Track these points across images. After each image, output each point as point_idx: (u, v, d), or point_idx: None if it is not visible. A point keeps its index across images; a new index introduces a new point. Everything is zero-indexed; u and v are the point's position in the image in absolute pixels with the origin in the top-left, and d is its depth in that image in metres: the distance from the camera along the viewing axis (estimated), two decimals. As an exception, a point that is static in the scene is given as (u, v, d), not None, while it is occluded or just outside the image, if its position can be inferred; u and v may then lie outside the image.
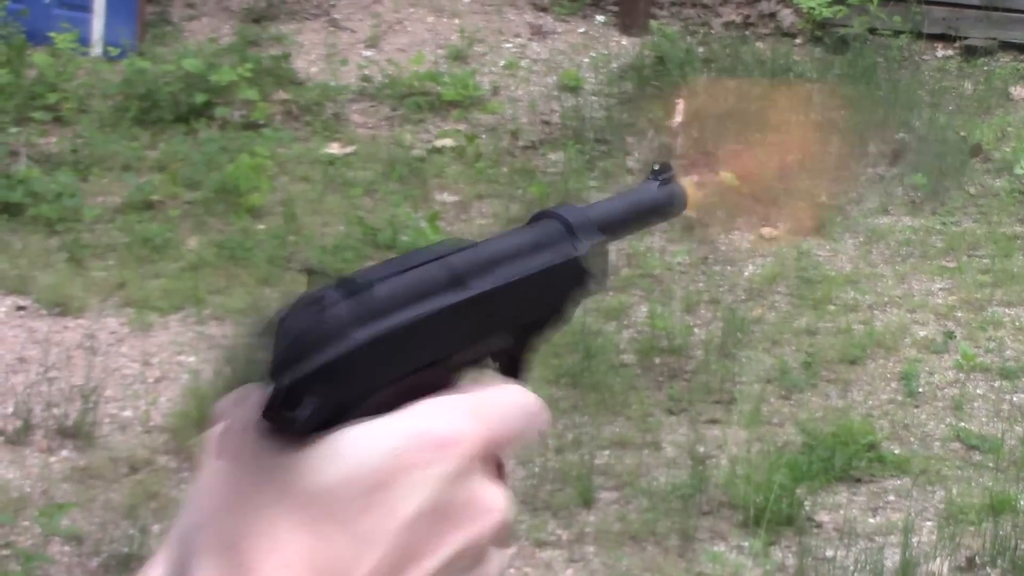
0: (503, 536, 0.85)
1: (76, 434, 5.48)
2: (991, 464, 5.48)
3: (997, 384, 6.00)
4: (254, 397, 0.79)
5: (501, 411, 0.86)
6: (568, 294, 0.98)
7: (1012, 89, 8.58)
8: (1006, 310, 6.54)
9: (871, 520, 5.19)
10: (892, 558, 4.95)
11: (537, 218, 0.99)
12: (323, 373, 0.81)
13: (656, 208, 1.08)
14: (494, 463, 0.86)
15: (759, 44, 9.05)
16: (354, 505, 0.78)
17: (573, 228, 0.98)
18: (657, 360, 6.07)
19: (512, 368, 0.96)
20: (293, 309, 0.82)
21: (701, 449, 5.48)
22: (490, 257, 0.92)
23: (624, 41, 9.20)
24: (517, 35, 9.31)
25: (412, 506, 0.79)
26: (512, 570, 4.90)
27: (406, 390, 0.84)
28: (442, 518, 0.81)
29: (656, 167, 1.10)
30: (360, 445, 0.80)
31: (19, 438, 5.46)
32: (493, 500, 0.83)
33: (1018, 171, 7.67)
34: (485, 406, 0.85)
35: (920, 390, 5.93)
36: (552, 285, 0.96)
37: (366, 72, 8.66)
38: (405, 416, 0.82)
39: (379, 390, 0.83)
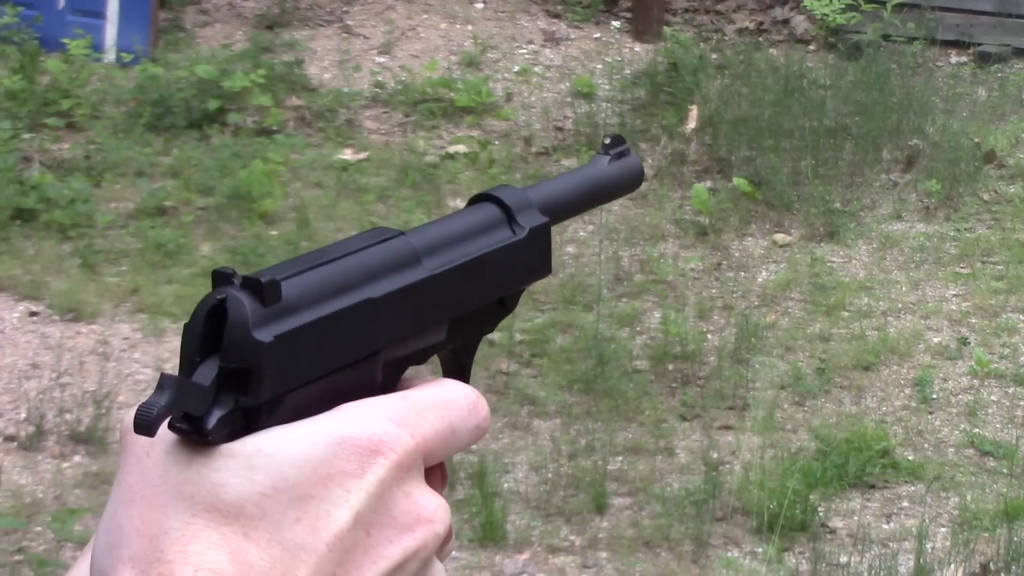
0: (444, 546, 0.80)
1: (89, 440, 5.49)
2: (1005, 470, 5.46)
3: (1011, 390, 5.99)
4: (160, 407, 0.73)
5: (433, 411, 0.80)
6: (507, 283, 0.91)
7: (1026, 95, 8.56)
8: (1020, 316, 6.52)
9: (885, 526, 5.17)
10: (906, 564, 4.94)
11: (474, 202, 0.92)
12: (227, 378, 0.75)
13: (607, 185, 1.00)
14: (432, 468, 0.81)
15: (772, 51, 9.04)
16: (284, 516, 0.74)
17: (512, 211, 0.91)
18: (670, 366, 6.06)
19: (455, 366, 0.90)
20: (195, 314, 0.76)
21: (715, 455, 5.47)
22: (416, 247, 0.85)
23: (637, 47, 9.19)
24: (530, 41, 9.30)
25: (344, 516, 0.75)
26: (525, 575, 4.89)
27: (331, 392, 0.79)
28: (379, 528, 0.76)
29: (607, 140, 1.02)
30: (280, 454, 0.75)
31: (32, 444, 5.47)
32: (432, 509, 0.78)
33: (1032, 177, 7.65)
34: (414, 407, 0.80)
35: (934, 396, 5.92)
36: (488, 274, 0.89)
37: (379, 78, 8.67)
38: (325, 421, 0.77)
39: (293, 392, 0.78)
